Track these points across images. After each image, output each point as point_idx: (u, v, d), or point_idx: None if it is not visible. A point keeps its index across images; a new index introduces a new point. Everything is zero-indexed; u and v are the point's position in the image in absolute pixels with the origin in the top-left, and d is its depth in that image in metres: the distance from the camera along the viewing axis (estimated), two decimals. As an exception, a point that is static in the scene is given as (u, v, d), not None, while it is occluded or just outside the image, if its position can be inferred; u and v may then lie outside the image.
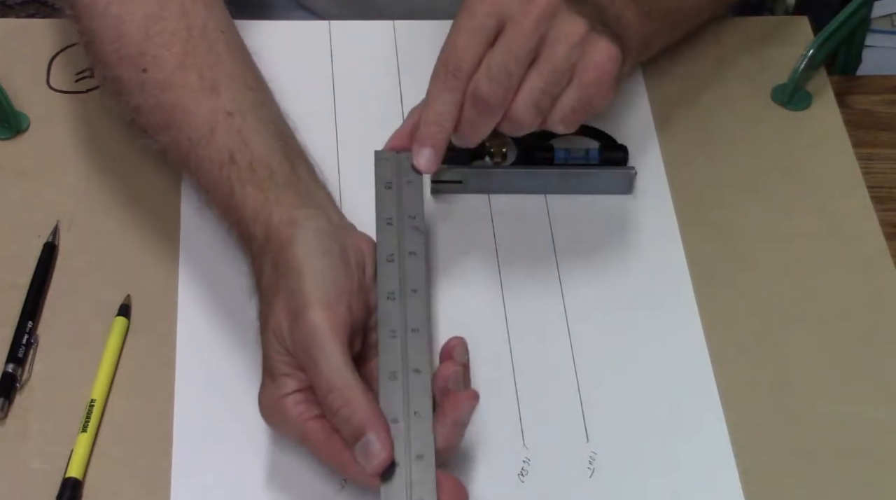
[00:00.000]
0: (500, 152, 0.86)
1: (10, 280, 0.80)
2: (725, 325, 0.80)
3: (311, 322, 0.67)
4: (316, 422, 0.68)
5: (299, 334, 0.68)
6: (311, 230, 0.71)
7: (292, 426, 0.69)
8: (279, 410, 0.69)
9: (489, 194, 0.86)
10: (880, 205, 0.87)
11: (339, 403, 0.66)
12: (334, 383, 0.67)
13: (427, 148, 0.76)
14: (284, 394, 0.69)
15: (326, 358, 0.67)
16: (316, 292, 0.68)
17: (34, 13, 1.80)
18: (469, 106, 0.75)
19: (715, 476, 0.74)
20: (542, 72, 0.75)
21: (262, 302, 0.72)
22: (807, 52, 0.91)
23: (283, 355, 0.69)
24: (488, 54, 0.75)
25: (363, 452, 0.66)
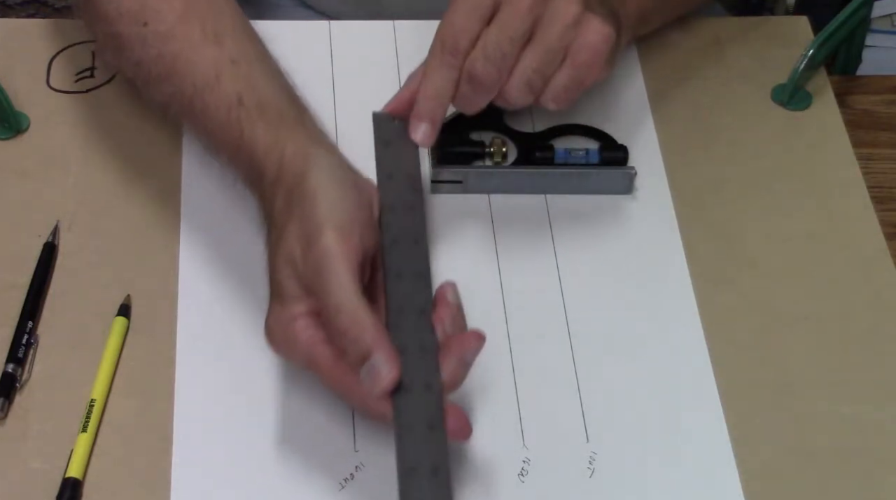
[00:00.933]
0: (501, 152, 0.86)
1: (10, 280, 0.80)
2: (725, 325, 0.80)
3: (324, 245, 0.68)
4: (324, 346, 0.69)
5: (312, 256, 0.68)
6: (325, 162, 0.72)
7: (300, 349, 0.69)
8: (287, 333, 0.69)
9: (489, 194, 0.86)
10: (880, 205, 0.87)
11: (347, 323, 0.67)
12: (343, 304, 0.67)
13: (424, 122, 0.77)
14: (293, 316, 0.69)
15: (337, 280, 0.67)
16: (330, 217, 0.69)
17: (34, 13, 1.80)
18: (465, 83, 0.76)
19: (715, 476, 0.74)
20: (536, 52, 0.76)
21: (272, 231, 0.72)
22: (807, 52, 0.91)
23: (293, 279, 0.69)
24: (484, 33, 0.76)
25: (370, 373, 0.66)
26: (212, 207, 0.84)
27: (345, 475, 0.73)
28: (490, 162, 0.86)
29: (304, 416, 0.75)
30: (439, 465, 0.65)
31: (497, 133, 0.87)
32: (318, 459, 0.73)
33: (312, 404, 0.75)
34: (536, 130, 0.88)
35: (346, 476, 0.73)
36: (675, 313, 0.81)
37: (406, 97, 0.78)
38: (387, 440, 0.74)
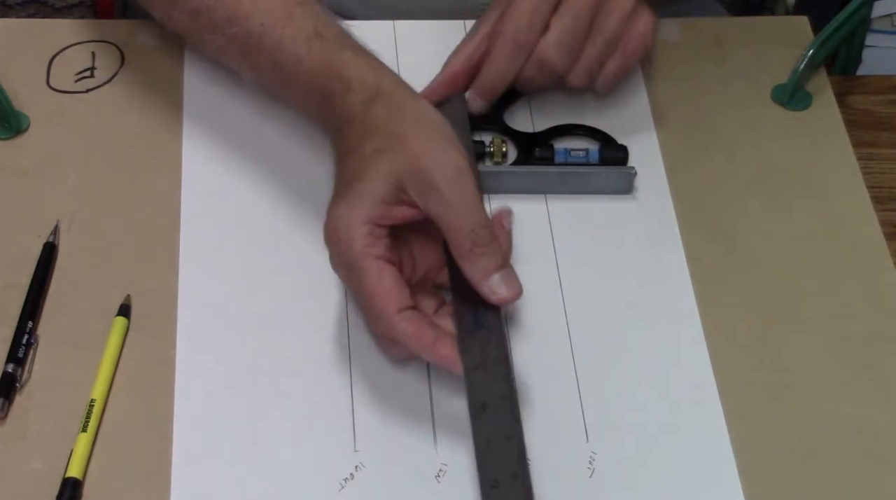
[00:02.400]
0: (501, 152, 0.86)
1: (10, 280, 0.80)
2: (725, 325, 0.80)
3: (459, 163, 0.72)
4: (377, 260, 0.71)
5: (446, 173, 0.72)
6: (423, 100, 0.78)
7: (354, 252, 0.71)
8: (351, 232, 0.72)
9: (489, 194, 0.86)
10: (880, 205, 0.87)
11: (487, 237, 0.71)
12: (481, 217, 0.72)
13: (481, 99, 0.84)
14: (367, 220, 0.71)
15: (473, 194, 0.72)
16: (456, 141, 0.74)
17: (34, 13, 1.80)
18: (533, 66, 0.82)
19: (715, 476, 0.74)
20: (595, 42, 0.83)
21: (373, 137, 0.74)
22: (807, 52, 0.91)
23: (394, 187, 0.72)
24: (555, 20, 0.81)
25: (504, 281, 0.72)
26: (212, 208, 0.84)
27: (345, 475, 0.73)
28: (490, 162, 0.86)
29: (304, 416, 0.75)
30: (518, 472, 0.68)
31: (497, 133, 0.87)
32: (318, 459, 0.73)
33: (312, 405, 0.75)
34: (536, 130, 0.88)
35: (346, 476, 0.73)
36: (675, 313, 0.81)
37: (445, 81, 0.84)
38: (387, 440, 0.74)
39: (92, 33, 0.94)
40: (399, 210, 0.73)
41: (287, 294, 0.80)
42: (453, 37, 0.95)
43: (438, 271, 0.76)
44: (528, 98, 0.90)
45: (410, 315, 0.72)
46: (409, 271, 0.75)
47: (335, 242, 0.73)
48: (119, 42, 0.93)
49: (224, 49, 0.83)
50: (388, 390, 0.76)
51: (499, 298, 0.72)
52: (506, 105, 0.89)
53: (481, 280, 0.72)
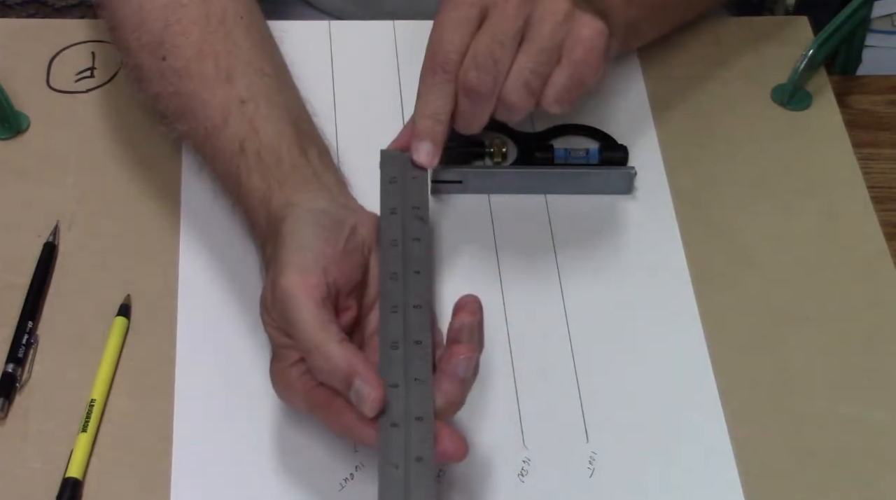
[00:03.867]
0: (500, 153, 0.86)
1: (10, 280, 0.80)
2: (725, 325, 0.80)
3: (283, 286, 0.68)
4: (320, 389, 0.68)
5: (277, 300, 0.68)
6: (304, 208, 0.72)
7: (298, 395, 0.69)
8: (285, 381, 0.70)
9: (489, 195, 0.86)
10: (880, 205, 0.87)
11: (321, 360, 0.66)
12: (311, 341, 0.67)
13: (426, 142, 0.77)
14: (287, 365, 0.69)
15: (301, 319, 0.67)
16: (292, 259, 0.69)
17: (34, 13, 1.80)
18: (462, 97, 0.76)
19: (715, 476, 0.74)
20: (529, 52, 0.75)
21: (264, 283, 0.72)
22: (807, 52, 0.91)
23: (276, 328, 0.70)
24: (474, 42, 0.75)
25: (357, 398, 0.66)
26: (212, 207, 0.84)
27: (345, 475, 0.73)
28: (490, 162, 0.86)
29: (305, 416, 0.75)
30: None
31: (497, 133, 0.87)
32: (318, 459, 0.73)
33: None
34: (536, 130, 0.88)
35: (346, 476, 0.73)
36: (675, 313, 0.81)
37: (410, 130, 0.78)
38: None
39: (92, 33, 0.94)
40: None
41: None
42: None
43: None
44: None
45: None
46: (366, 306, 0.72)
47: (281, 396, 0.71)
48: (119, 42, 0.93)
49: (181, 141, 0.82)
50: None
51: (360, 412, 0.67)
52: None
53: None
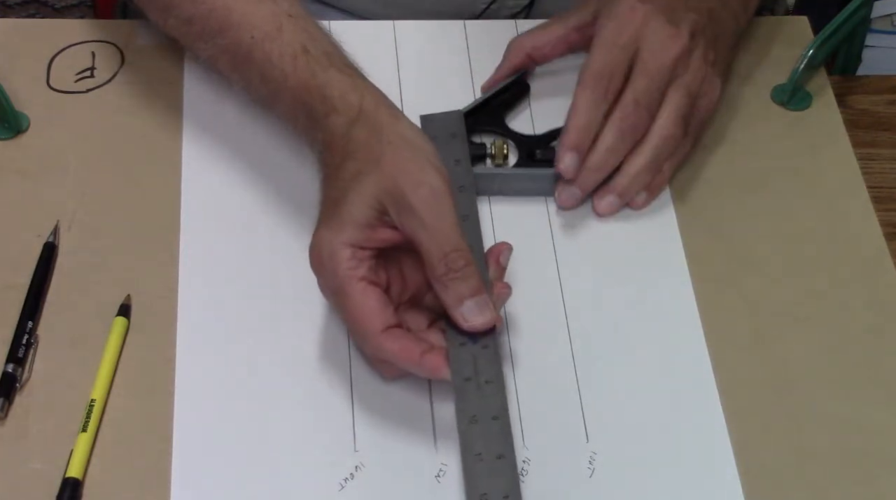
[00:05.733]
0: (502, 154, 0.86)
1: (10, 280, 0.80)
2: (725, 325, 0.80)
3: (437, 185, 0.71)
4: (360, 282, 0.71)
5: (422, 194, 0.71)
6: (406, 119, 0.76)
7: (338, 275, 0.71)
8: (334, 256, 0.72)
9: (490, 197, 0.86)
10: (880, 205, 0.87)
11: (463, 261, 0.71)
12: (457, 241, 0.71)
13: (572, 152, 0.82)
14: (346, 242, 0.71)
15: (451, 218, 0.71)
16: (435, 162, 0.73)
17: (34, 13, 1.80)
18: (612, 129, 0.81)
19: (715, 476, 0.74)
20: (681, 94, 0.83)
21: (353, 160, 0.73)
22: (807, 52, 0.91)
23: (373, 208, 0.72)
24: (633, 81, 0.81)
25: (477, 307, 0.71)
26: (212, 207, 0.84)
27: (345, 475, 0.73)
28: (491, 164, 0.86)
29: (305, 416, 0.75)
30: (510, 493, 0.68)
31: (498, 135, 0.87)
32: (318, 459, 0.73)
33: (313, 404, 0.75)
34: (537, 133, 0.88)
35: (346, 476, 0.73)
36: (675, 313, 0.81)
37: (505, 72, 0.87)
38: (387, 440, 0.74)
39: (92, 33, 0.94)
40: (381, 232, 0.72)
41: (287, 294, 0.80)
42: (453, 37, 0.95)
43: (429, 288, 0.74)
44: (528, 100, 0.90)
45: (396, 333, 0.71)
46: (397, 290, 0.74)
47: (319, 266, 0.73)
48: (119, 42, 0.93)
49: (215, 58, 0.83)
50: (388, 390, 0.76)
51: (470, 325, 0.72)
52: (507, 107, 0.89)
53: (453, 305, 0.71)
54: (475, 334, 0.72)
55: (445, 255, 0.71)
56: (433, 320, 0.75)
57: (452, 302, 0.71)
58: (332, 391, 0.76)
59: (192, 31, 0.83)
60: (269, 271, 0.81)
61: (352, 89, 0.77)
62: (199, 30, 0.82)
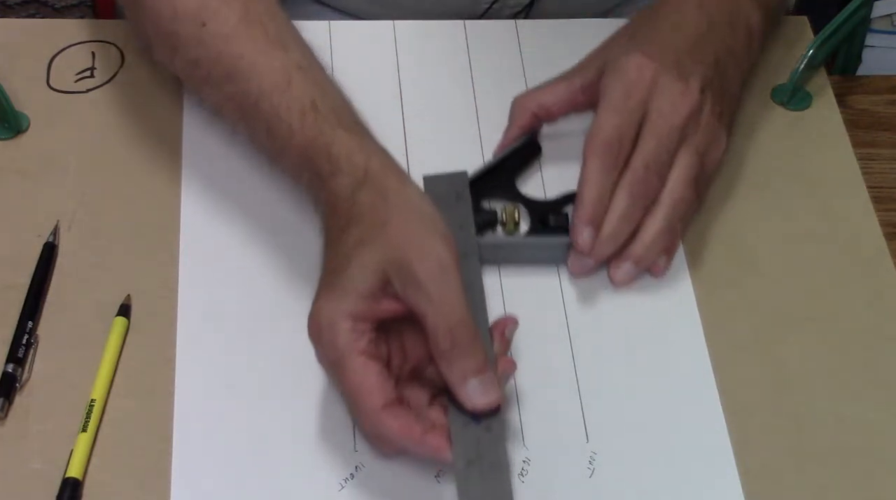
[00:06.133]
0: (513, 222, 0.82)
1: (10, 280, 0.80)
2: (725, 325, 0.80)
3: (444, 256, 0.69)
4: (360, 355, 0.69)
5: (428, 266, 0.68)
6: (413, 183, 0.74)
7: (338, 347, 0.69)
8: (334, 328, 0.69)
9: (500, 266, 0.82)
10: (880, 205, 0.87)
11: (468, 336, 0.68)
12: (463, 316, 0.68)
13: (590, 227, 0.79)
14: (350, 314, 0.69)
15: (457, 291, 0.68)
16: (443, 230, 0.70)
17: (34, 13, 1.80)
18: (624, 196, 0.78)
19: (715, 476, 0.74)
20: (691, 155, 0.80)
21: (357, 226, 0.71)
22: (807, 52, 0.91)
23: (377, 279, 0.69)
24: (643, 144, 0.79)
25: (482, 387, 0.68)
26: (212, 207, 0.84)
27: (345, 475, 0.73)
28: (503, 231, 0.83)
29: (304, 416, 0.75)
30: None
31: (509, 200, 0.84)
32: (318, 459, 0.73)
33: (312, 405, 0.75)
34: (548, 197, 0.85)
35: (346, 476, 0.73)
36: (676, 313, 0.81)
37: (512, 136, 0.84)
38: (387, 440, 0.74)
39: (92, 33, 0.94)
40: (384, 303, 0.69)
41: (287, 294, 0.80)
42: (453, 37, 0.95)
43: (431, 359, 0.71)
44: (539, 163, 0.87)
45: (396, 410, 0.68)
46: (398, 362, 0.72)
47: (317, 337, 0.70)
48: (119, 42, 0.93)
49: (221, 105, 0.81)
50: (388, 390, 0.76)
51: (474, 405, 0.69)
52: (518, 170, 0.86)
53: (458, 383, 0.69)
54: (479, 415, 0.69)
55: (450, 329, 0.68)
56: (434, 395, 0.72)
57: (457, 380, 0.69)
58: (332, 391, 0.76)
59: (198, 75, 0.81)
60: (269, 270, 0.81)
61: (359, 150, 0.74)
62: (205, 74, 0.80)
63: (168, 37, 0.81)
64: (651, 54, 0.81)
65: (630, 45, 0.82)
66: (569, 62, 0.88)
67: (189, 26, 0.80)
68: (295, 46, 0.79)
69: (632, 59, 0.80)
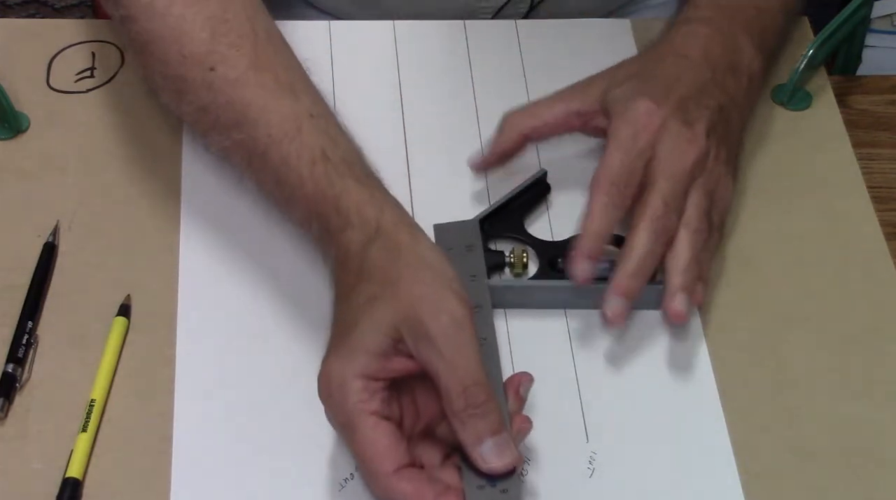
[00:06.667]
0: (521, 264, 0.81)
1: (10, 280, 0.80)
2: (725, 325, 0.80)
3: (457, 313, 0.67)
4: (371, 416, 0.67)
5: (442, 323, 0.67)
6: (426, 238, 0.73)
7: (348, 409, 0.67)
8: (344, 388, 0.67)
9: (506, 310, 0.80)
10: (880, 205, 0.87)
11: (483, 396, 0.66)
12: (478, 375, 0.67)
13: (587, 260, 0.77)
14: (361, 374, 0.67)
15: (472, 349, 0.67)
16: (456, 287, 0.69)
17: (34, 13, 1.80)
18: (646, 232, 0.77)
19: (715, 476, 0.74)
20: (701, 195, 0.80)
21: (368, 283, 0.70)
22: (807, 52, 0.91)
23: (389, 337, 0.68)
24: (658, 184, 0.78)
25: (497, 448, 0.67)
26: (212, 207, 0.84)
27: (345, 475, 0.73)
28: (510, 273, 0.82)
29: (305, 416, 0.75)
30: None
31: (517, 242, 0.83)
32: (318, 459, 0.73)
33: (312, 405, 0.75)
34: (556, 238, 0.84)
35: (346, 476, 0.73)
36: (675, 313, 0.81)
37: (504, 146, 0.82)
38: (387, 440, 0.74)
39: (92, 33, 0.94)
40: (396, 362, 0.68)
41: (287, 293, 0.80)
42: (453, 37, 0.95)
43: (444, 417, 0.69)
44: (546, 204, 0.86)
45: (409, 474, 0.67)
46: (410, 421, 0.70)
47: (328, 397, 0.68)
48: (119, 42, 0.93)
49: (228, 152, 0.79)
50: (388, 390, 0.76)
51: (489, 468, 0.67)
52: (526, 210, 0.85)
53: (472, 445, 0.67)
54: (494, 476, 0.67)
55: (465, 389, 0.66)
56: (447, 454, 0.70)
57: (471, 441, 0.67)
58: (332, 391, 0.76)
59: (205, 120, 0.79)
60: (269, 270, 0.81)
61: (370, 203, 0.72)
62: (213, 120, 0.78)
63: (175, 81, 0.80)
64: (658, 100, 0.80)
65: (636, 87, 0.82)
66: (569, 62, 0.88)
67: (197, 71, 0.78)
68: (305, 93, 0.78)
69: (641, 104, 0.80)
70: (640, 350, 0.79)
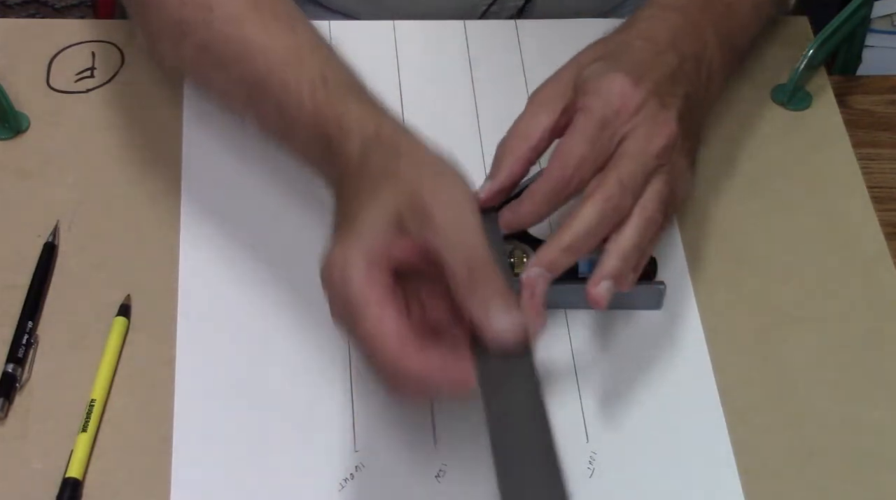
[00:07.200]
0: (522, 264, 0.80)
1: (10, 280, 0.80)
2: (725, 325, 0.80)
3: (458, 194, 0.67)
4: (375, 300, 0.65)
5: (443, 201, 0.66)
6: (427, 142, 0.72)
7: (352, 292, 0.65)
8: (347, 270, 0.65)
9: None
10: (880, 205, 0.87)
11: (487, 268, 0.65)
12: (484, 252, 0.66)
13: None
14: (365, 256, 0.66)
15: (475, 228, 0.66)
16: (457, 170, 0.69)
17: (34, 13, 1.80)
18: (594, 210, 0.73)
19: (715, 476, 0.74)
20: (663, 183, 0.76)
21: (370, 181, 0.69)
22: (807, 52, 0.91)
23: (392, 222, 0.67)
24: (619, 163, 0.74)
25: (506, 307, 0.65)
26: (212, 207, 0.84)
27: (345, 475, 0.73)
28: (511, 274, 0.80)
29: (305, 416, 0.75)
30: None
31: (517, 242, 0.82)
32: (318, 459, 0.73)
33: (313, 404, 0.75)
34: None
35: (346, 476, 0.73)
36: (676, 312, 0.81)
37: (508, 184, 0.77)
38: (387, 440, 0.74)
39: (92, 33, 0.94)
40: (399, 247, 0.66)
41: (287, 293, 0.80)
42: (453, 37, 0.95)
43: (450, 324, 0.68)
44: None
45: (415, 345, 0.64)
46: (416, 318, 0.68)
47: (331, 285, 0.66)
48: (119, 42, 0.93)
49: (229, 89, 0.81)
50: (388, 390, 0.76)
51: (499, 331, 0.65)
52: None
53: (479, 310, 0.65)
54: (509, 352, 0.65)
55: (468, 260, 0.65)
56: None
57: (478, 307, 0.65)
58: (332, 391, 0.76)
59: (206, 59, 0.80)
60: (270, 270, 0.81)
61: (369, 118, 0.73)
62: (213, 58, 0.80)
63: (176, 24, 0.81)
64: (633, 77, 0.77)
65: (608, 65, 0.79)
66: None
67: (197, 12, 0.80)
68: (303, 28, 0.80)
69: (615, 80, 0.76)
70: (640, 351, 0.79)
